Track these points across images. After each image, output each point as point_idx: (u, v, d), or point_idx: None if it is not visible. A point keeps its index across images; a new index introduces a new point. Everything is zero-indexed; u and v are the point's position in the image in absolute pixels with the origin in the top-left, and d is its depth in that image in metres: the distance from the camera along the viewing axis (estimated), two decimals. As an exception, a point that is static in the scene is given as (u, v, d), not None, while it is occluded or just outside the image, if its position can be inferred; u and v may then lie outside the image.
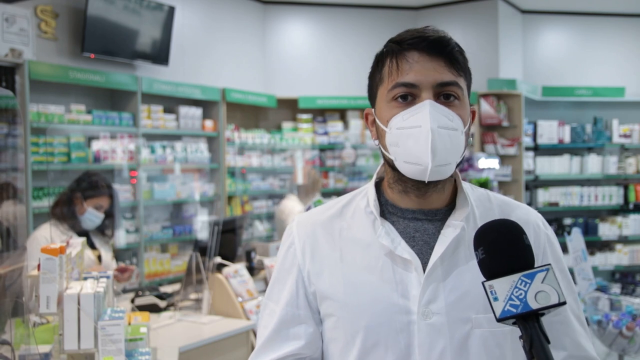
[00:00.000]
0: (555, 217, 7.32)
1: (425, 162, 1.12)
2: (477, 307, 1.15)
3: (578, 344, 1.22)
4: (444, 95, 1.16)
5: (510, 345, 1.17)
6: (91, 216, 3.41)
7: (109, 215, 3.52)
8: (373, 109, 1.26)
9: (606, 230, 7.27)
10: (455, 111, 1.15)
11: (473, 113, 1.24)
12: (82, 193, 3.41)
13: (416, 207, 1.23)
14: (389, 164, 1.22)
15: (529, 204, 7.47)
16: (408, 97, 1.16)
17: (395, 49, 1.18)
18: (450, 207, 1.24)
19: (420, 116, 1.13)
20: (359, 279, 1.20)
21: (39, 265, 1.88)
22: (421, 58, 1.15)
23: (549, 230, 1.28)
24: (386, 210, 1.26)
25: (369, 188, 1.30)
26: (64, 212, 3.38)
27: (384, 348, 1.17)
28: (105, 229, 3.58)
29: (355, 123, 7.35)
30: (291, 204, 5.27)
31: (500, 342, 1.16)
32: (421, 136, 1.12)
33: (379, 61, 1.23)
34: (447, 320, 1.15)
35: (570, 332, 1.22)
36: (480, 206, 1.25)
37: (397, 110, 1.16)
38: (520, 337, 0.95)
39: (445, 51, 1.16)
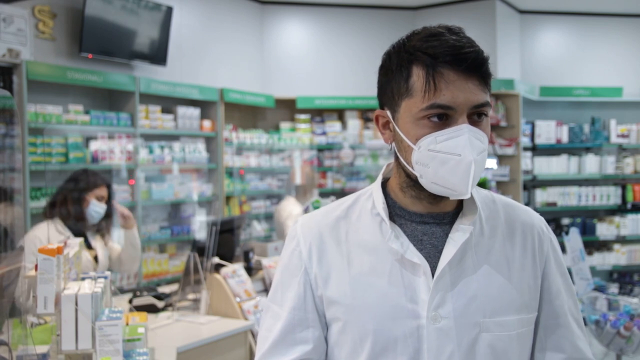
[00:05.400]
0: (554, 217, 7.32)
1: (462, 191, 1.10)
2: (484, 311, 1.14)
3: (577, 347, 1.23)
4: (476, 114, 1.13)
5: (516, 349, 1.17)
6: (95, 207, 3.43)
7: (107, 215, 3.52)
8: (388, 113, 1.19)
9: (604, 230, 7.28)
10: (484, 130, 1.13)
11: None
12: (82, 188, 3.43)
13: (425, 212, 1.21)
14: (409, 175, 1.19)
15: (527, 204, 7.49)
16: (443, 117, 1.11)
17: (429, 63, 1.10)
18: (457, 209, 1.23)
19: (457, 142, 1.09)
20: (367, 282, 1.18)
21: (36, 266, 1.88)
22: (457, 77, 1.10)
23: (552, 235, 1.28)
24: (393, 212, 1.23)
25: (374, 189, 1.27)
26: (69, 210, 3.38)
27: (393, 353, 1.15)
28: (101, 229, 3.59)
29: (354, 123, 7.34)
30: (290, 206, 5.25)
31: (506, 347, 1.16)
32: (460, 167, 1.09)
33: (402, 67, 1.14)
34: (455, 324, 1.14)
35: (569, 335, 1.23)
36: (485, 208, 1.24)
37: (429, 130, 1.11)
38: None
39: (481, 70, 1.13)
